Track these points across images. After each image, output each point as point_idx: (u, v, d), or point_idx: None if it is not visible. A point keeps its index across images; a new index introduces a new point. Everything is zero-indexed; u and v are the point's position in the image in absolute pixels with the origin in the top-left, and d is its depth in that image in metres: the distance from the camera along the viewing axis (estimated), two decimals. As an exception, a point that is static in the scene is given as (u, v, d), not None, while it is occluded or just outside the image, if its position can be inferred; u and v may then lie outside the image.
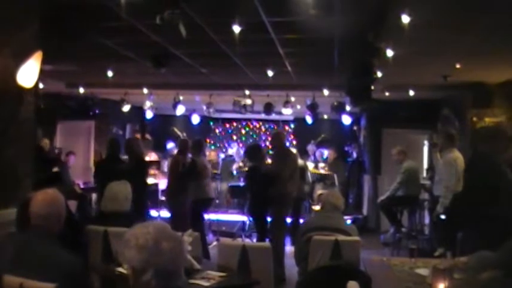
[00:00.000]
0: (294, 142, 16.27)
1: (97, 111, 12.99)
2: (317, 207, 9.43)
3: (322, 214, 5.46)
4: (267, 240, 7.41)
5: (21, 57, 4.48)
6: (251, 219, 8.42)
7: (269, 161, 8.49)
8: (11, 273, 3.01)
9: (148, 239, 2.33)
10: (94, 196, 10.81)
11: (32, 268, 3.03)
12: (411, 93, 10.16)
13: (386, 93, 10.43)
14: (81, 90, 11.53)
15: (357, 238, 5.07)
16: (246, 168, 10.21)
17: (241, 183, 10.23)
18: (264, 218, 7.81)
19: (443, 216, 7.32)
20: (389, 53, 6.32)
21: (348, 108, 11.23)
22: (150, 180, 11.56)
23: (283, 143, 7.94)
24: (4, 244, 3.27)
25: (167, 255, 2.33)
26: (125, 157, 8.68)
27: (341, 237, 4.97)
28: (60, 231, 3.34)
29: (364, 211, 12.69)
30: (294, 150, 10.22)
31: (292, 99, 11.24)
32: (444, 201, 7.29)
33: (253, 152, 8.35)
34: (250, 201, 8.52)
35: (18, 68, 4.45)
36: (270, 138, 9.01)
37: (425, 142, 11.93)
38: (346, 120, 12.31)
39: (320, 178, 11.61)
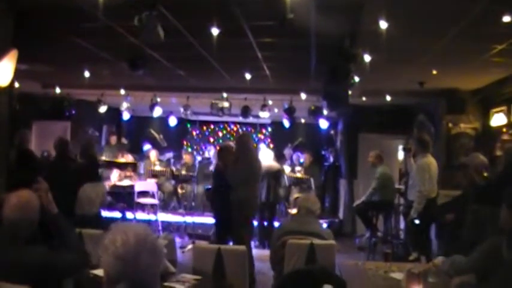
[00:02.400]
0: (271, 145, 16.29)
1: (73, 112, 12.85)
2: (293, 211, 9.45)
3: (298, 218, 5.48)
4: (230, 243, 7.36)
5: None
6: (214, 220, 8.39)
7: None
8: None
9: (127, 250, 2.19)
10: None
11: (6, 273, 3.00)
12: (388, 98, 10.26)
13: (363, 99, 10.52)
14: (58, 90, 11.44)
15: (332, 242, 5.10)
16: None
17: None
18: (224, 221, 7.80)
19: (417, 221, 7.39)
20: (367, 58, 6.38)
21: (325, 112, 11.29)
22: (125, 182, 11.56)
23: (246, 147, 7.73)
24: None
25: (145, 268, 2.21)
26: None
27: (316, 241, 4.99)
28: (32, 233, 3.32)
29: (340, 215, 12.76)
30: (267, 154, 10.22)
31: (270, 102, 11.29)
32: (417, 206, 7.36)
33: (221, 152, 8.31)
34: (214, 203, 8.52)
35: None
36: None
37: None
38: (323, 124, 12.37)
39: (297, 182, 11.64)
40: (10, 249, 3.16)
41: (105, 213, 5.83)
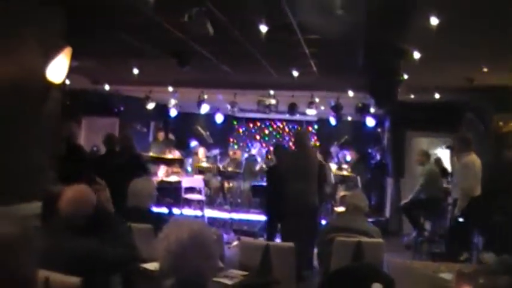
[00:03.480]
0: (317, 143, 16.22)
1: (121, 108, 13.08)
2: (340, 209, 9.40)
3: (346, 215, 5.45)
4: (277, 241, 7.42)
5: (50, 53, 4.52)
6: (266, 218, 8.47)
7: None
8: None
9: (179, 246, 2.24)
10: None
11: (54, 262, 3.06)
12: (436, 96, 10.08)
13: (412, 96, 10.37)
14: (107, 87, 11.64)
15: (380, 240, 5.05)
16: (268, 168, 10.26)
17: (264, 183, 10.25)
18: (277, 219, 7.84)
19: (460, 219, 7.29)
20: (416, 54, 6.28)
21: (372, 110, 11.18)
22: (172, 178, 11.69)
23: (303, 142, 7.86)
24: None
25: (194, 267, 2.26)
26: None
27: (364, 239, 4.95)
28: (86, 225, 3.38)
29: (387, 213, 12.61)
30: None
31: (317, 99, 11.22)
32: (461, 204, 7.28)
33: (276, 150, 8.43)
34: (267, 201, 8.64)
35: (47, 64, 4.50)
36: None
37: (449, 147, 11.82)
38: (370, 122, 12.25)
39: (343, 180, 11.57)
40: (63, 239, 3.24)
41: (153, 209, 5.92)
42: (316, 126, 17.22)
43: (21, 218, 3.51)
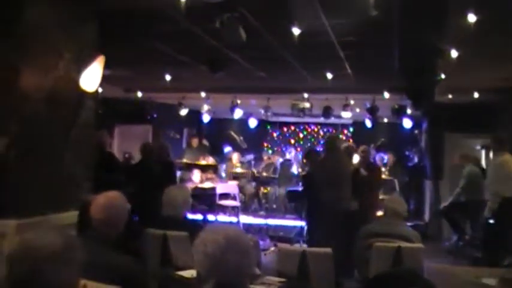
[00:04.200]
0: (353, 144, 16.15)
1: (154, 116, 13.21)
2: (378, 213, 9.32)
3: (384, 220, 5.39)
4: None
5: (83, 61, 4.59)
6: (306, 224, 8.50)
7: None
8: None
9: (216, 249, 2.28)
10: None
11: (90, 273, 3.08)
12: (475, 95, 9.93)
13: (449, 96, 10.23)
14: (139, 94, 11.78)
15: (420, 245, 4.97)
16: (304, 173, 10.22)
17: (300, 188, 10.23)
18: (314, 225, 7.83)
19: (491, 221, 7.18)
20: (454, 53, 6.20)
21: (409, 111, 11.07)
22: (207, 184, 11.74)
23: (334, 147, 7.85)
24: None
25: (232, 268, 2.28)
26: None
27: (403, 244, 4.88)
28: (119, 235, 3.39)
29: (426, 217, 12.44)
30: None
31: (352, 102, 11.16)
32: (491, 206, 7.17)
33: (309, 154, 8.44)
34: (306, 207, 8.66)
35: (80, 72, 4.56)
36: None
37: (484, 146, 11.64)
38: (407, 123, 12.14)
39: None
40: (99, 252, 3.23)
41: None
42: (351, 129, 17.14)
43: (61, 228, 3.59)
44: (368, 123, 12.53)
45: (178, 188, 5.33)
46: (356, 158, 9.07)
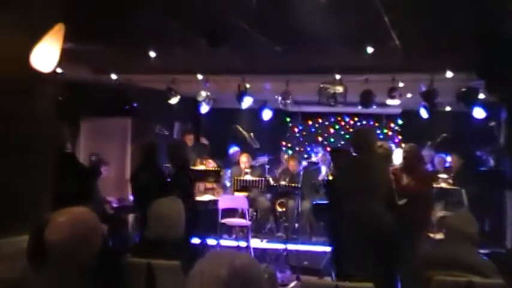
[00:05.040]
0: (403, 144, 16.05)
1: (135, 105, 13.17)
2: (438, 236, 9.24)
3: (447, 246, 5.31)
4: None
5: (37, 32, 4.51)
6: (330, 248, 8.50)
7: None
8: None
9: (216, 284, 2.22)
10: (131, 218, 11.32)
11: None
12: None
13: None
14: (114, 76, 11.74)
15: (498, 281, 4.90)
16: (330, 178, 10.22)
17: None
18: (344, 248, 7.77)
19: None
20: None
21: (481, 96, 10.97)
22: (206, 197, 11.74)
23: (365, 146, 7.78)
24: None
25: None
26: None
27: (476, 279, 4.80)
28: (88, 265, 3.32)
29: (508, 243, 12.32)
30: (397, 156, 10.11)
31: (400, 84, 11.08)
32: None
33: (336, 155, 8.39)
34: (329, 224, 8.66)
35: (32, 46, 4.49)
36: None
37: None
38: (479, 113, 12.01)
39: (441, 194, 11.34)
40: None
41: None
42: (400, 122, 17.08)
43: (10, 257, 3.54)
44: (423, 113, 12.38)
45: (169, 201, 5.27)
46: (398, 160, 9.04)
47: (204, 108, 13.38)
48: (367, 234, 7.13)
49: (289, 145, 17.89)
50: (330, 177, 10.61)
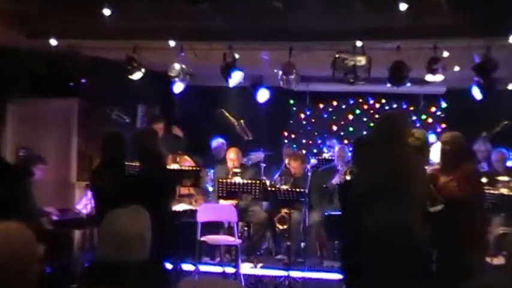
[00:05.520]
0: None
1: (83, 82, 13.08)
2: (495, 260, 9.22)
3: (510, 274, 5.27)
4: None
5: None
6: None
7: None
8: None
9: None
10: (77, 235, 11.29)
11: None
12: None
13: None
14: (54, 42, 11.66)
15: None
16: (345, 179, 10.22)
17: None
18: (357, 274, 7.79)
19: None
20: None
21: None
22: (181, 206, 11.70)
23: (394, 136, 7.70)
24: None
25: None
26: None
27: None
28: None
29: None
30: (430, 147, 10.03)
31: (445, 54, 11.05)
32: None
33: (355, 153, 8.36)
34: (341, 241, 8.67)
35: None
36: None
37: None
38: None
39: (500, 204, 11.28)
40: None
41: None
42: (444, 104, 17.09)
43: None
44: (476, 93, 12.32)
45: (129, 213, 5.21)
46: (435, 155, 9.09)
47: (178, 87, 13.33)
48: (395, 259, 7.08)
49: (293, 136, 17.89)
50: (348, 180, 10.59)
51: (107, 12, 9.39)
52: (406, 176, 7.35)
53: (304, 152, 16.17)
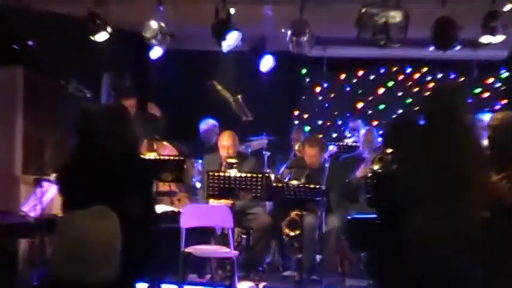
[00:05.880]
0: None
1: (30, 44, 13.07)
2: None
3: None
4: None
5: None
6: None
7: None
8: None
9: None
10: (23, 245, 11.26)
11: None
12: None
13: None
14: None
15: None
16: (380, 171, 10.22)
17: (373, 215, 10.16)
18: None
19: None
20: None
21: None
22: (160, 208, 11.68)
23: (448, 116, 7.68)
24: None
25: None
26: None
27: None
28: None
29: None
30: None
31: (506, 7, 11.02)
32: None
33: (393, 136, 8.37)
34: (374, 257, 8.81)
35: None
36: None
37: None
38: None
39: None
40: None
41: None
42: (504, 74, 17.06)
43: None
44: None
45: (95, 216, 5.21)
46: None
47: (156, 52, 13.34)
48: (451, 275, 7.08)
49: (306, 117, 17.88)
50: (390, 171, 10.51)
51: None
52: (470, 172, 7.33)
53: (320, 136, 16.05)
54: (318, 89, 18.07)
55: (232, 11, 11.64)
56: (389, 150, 9.52)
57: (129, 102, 13.43)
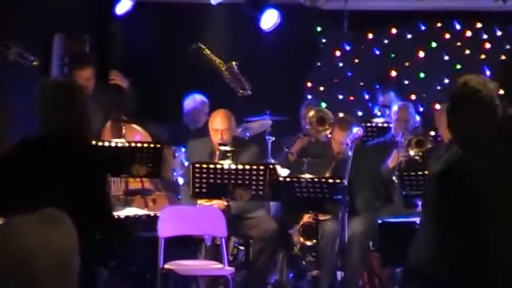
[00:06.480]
0: None
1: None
2: None
3: None
4: None
5: None
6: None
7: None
8: None
9: None
10: None
11: None
12: None
13: None
14: None
15: None
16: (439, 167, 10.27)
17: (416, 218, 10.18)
18: None
19: None
20: None
21: None
22: (131, 210, 11.75)
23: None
24: None
25: None
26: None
27: None
28: None
29: None
30: None
31: None
32: None
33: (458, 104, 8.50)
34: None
35: None
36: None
37: None
38: None
39: None
40: None
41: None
42: None
43: None
44: None
45: (42, 222, 5.30)
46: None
47: (123, 5, 13.42)
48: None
49: (322, 89, 17.92)
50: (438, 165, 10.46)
51: None
52: None
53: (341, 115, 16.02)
54: (337, 53, 18.06)
55: None
56: (432, 133, 9.48)
57: (86, 73, 13.49)
